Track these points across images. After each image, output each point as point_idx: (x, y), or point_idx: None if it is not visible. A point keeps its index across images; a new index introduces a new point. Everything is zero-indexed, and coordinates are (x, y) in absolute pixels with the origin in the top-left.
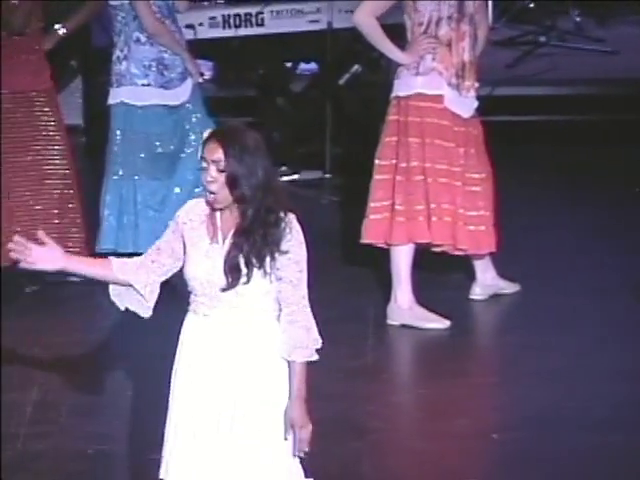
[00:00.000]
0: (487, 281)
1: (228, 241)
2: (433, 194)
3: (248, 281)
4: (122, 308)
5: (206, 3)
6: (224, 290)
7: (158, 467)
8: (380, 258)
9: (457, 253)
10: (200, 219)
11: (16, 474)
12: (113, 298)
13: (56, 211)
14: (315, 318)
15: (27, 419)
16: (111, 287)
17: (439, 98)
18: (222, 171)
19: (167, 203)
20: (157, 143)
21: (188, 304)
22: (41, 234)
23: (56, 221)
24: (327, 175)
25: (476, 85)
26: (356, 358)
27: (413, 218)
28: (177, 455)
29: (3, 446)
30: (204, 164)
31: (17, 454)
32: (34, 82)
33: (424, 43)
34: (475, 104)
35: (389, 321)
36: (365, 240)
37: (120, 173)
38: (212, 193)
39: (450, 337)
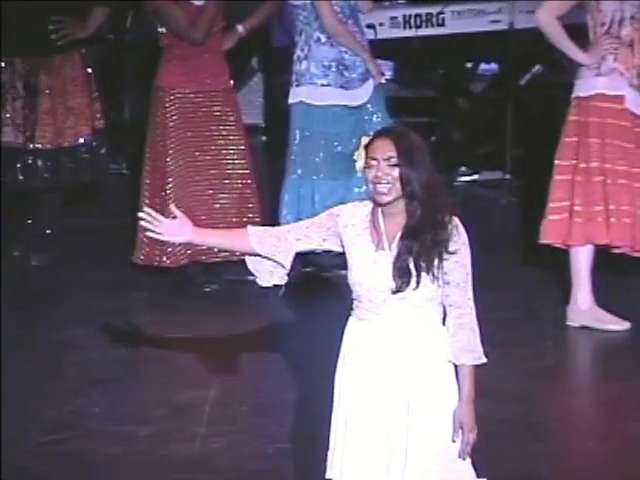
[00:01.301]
0: None
1: (395, 246)
2: (612, 195)
3: (417, 286)
4: (258, 278)
5: (387, 3)
6: (394, 293)
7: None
8: (560, 259)
9: (637, 255)
10: (363, 225)
11: (195, 473)
12: (249, 265)
13: (235, 210)
14: (494, 319)
15: (206, 418)
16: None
17: (620, 99)
18: (394, 166)
19: (345, 203)
20: (336, 143)
21: (351, 308)
22: (172, 207)
23: (234, 220)
24: (507, 176)
25: None
26: (536, 359)
27: (592, 219)
28: (349, 457)
29: (183, 445)
30: (373, 162)
31: (196, 453)
32: (215, 82)
33: (606, 43)
34: None
35: (569, 322)
36: (543, 240)
37: (299, 172)
38: (382, 190)
39: (630, 339)
